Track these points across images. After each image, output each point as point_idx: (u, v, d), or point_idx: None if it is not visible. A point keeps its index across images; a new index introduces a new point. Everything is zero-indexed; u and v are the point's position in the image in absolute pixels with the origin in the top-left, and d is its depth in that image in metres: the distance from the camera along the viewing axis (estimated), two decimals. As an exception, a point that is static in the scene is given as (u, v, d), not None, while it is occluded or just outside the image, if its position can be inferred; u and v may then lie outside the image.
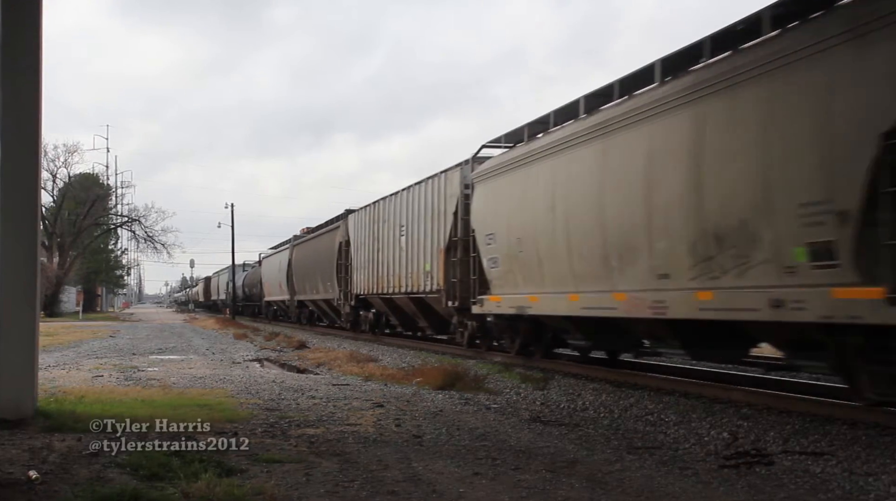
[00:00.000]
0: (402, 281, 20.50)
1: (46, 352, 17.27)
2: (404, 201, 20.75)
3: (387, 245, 21.98)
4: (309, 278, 32.56)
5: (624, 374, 12.45)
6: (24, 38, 8.03)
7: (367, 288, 23.64)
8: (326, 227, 30.92)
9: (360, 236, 24.80)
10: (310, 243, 33.17)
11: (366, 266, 23.82)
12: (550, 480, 5.75)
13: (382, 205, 22.76)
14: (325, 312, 31.91)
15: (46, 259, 49.72)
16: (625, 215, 10.82)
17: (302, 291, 34.43)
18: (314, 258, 31.38)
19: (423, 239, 19.01)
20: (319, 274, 30.30)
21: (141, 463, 5.75)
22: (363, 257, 24.18)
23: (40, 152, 8.76)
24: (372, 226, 23.44)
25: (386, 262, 21.93)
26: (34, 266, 8.09)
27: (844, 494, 5.62)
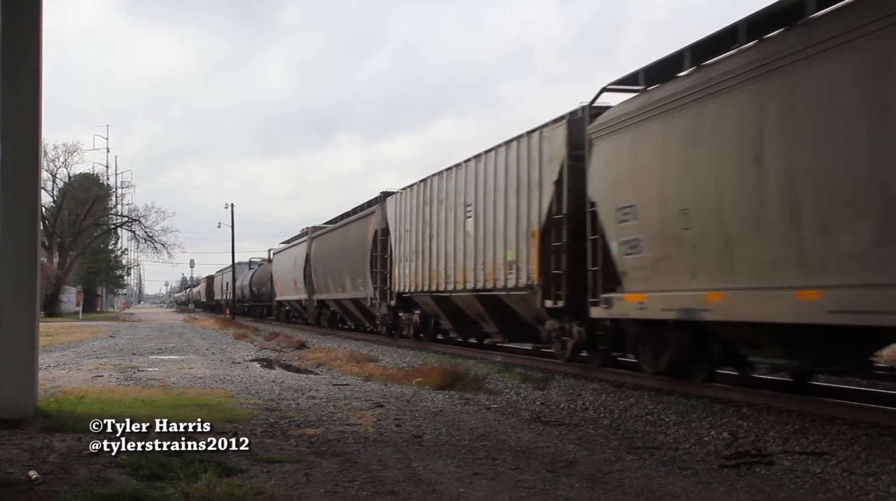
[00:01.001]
0: (466, 275, 16.41)
1: (46, 352, 17.27)
2: (473, 174, 16.33)
3: (444, 231, 17.70)
4: (332, 274, 28.44)
5: (624, 374, 12.44)
6: (24, 39, 8.03)
7: (413, 285, 19.50)
8: (356, 214, 26.54)
9: (403, 223, 20.45)
10: (333, 234, 28.94)
11: (411, 258, 19.68)
12: (550, 480, 5.75)
13: (437, 182, 18.32)
14: (350, 313, 27.90)
15: (46, 259, 49.72)
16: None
17: (323, 289, 30.36)
18: (340, 251, 27.30)
19: (504, 220, 14.81)
20: (347, 269, 26.23)
21: (141, 463, 5.75)
22: (408, 247, 19.97)
23: (40, 152, 8.77)
24: (422, 209, 19.08)
25: (442, 252, 17.79)
26: (34, 266, 8.09)
27: (844, 494, 5.62)
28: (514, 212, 14.47)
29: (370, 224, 23.69)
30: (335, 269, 27.99)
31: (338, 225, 28.95)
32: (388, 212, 22.01)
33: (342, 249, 27.00)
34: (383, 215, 22.45)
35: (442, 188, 18.02)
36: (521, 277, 14.14)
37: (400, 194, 21.09)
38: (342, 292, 27.18)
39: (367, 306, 24.40)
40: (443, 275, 17.66)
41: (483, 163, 15.93)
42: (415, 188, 19.77)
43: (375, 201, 24.27)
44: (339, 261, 27.30)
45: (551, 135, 13.37)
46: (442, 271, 17.70)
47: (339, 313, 29.77)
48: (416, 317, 20.77)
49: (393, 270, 21.27)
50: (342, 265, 26.88)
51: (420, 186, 19.44)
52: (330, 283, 28.96)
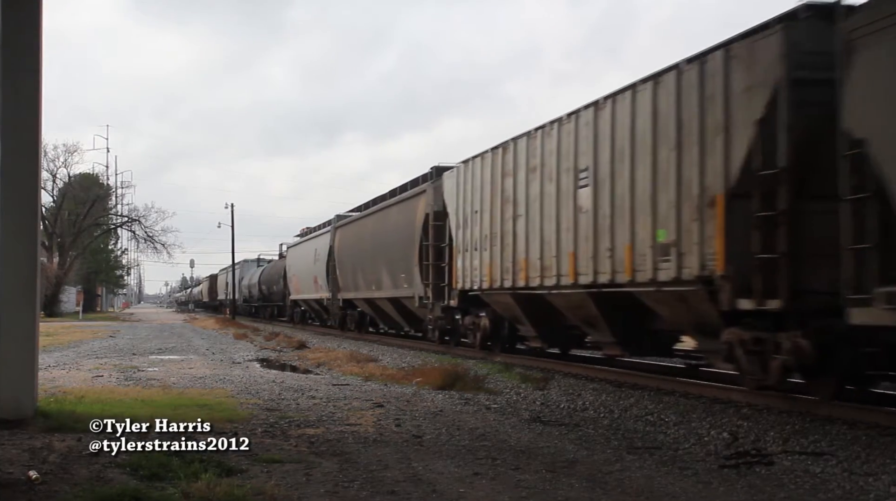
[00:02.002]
0: (578, 265, 12.08)
1: (46, 352, 17.26)
2: (589, 128, 11.95)
3: (537, 208, 13.43)
4: (364, 269, 24.25)
5: (624, 374, 12.44)
6: (24, 38, 8.03)
7: (485, 280, 15.31)
8: (397, 196, 22.47)
9: (468, 202, 16.28)
10: (366, 221, 24.85)
11: (482, 246, 15.54)
12: (550, 480, 5.75)
13: (524, 146, 14.02)
14: (385, 315, 23.81)
15: (46, 259, 49.72)
16: None
17: (350, 286, 26.06)
18: (375, 242, 23.19)
19: (650, 186, 10.49)
20: (384, 263, 22.10)
21: (141, 463, 5.75)
22: (476, 232, 15.81)
23: (40, 152, 8.77)
24: (499, 182, 14.90)
25: (534, 236, 13.51)
26: (34, 266, 8.09)
27: (844, 494, 5.62)
28: (670, 173, 10.11)
29: (418, 207, 19.50)
30: (368, 263, 23.84)
31: (371, 211, 24.61)
32: (444, 191, 17.68)
33: (378, 238, 22.95)
34: (437, 195, 18.23)
35: (534, 152, 13.62)
36: (686, 265, 9.77)
37: (462, 167, 16.72)
38: (377, 289, 23.00)
39: (411, 306, 20.36)
40: (535, 266, 13.40)
41: (609, 111, 11.45)
42: (487, 157, 15.46)
43: (424, 178, 20.25)
44: (374, 253, 23.14)
45: (750, 52, 9.15)
46: (534, 262, 13.41)
47: (371, 314, 25.58)
48: (483, 321, 16.47)
49: (454, 262, 16.95)
50: (378, 258, 22.75)
51: (495, 153, 15.12)
52: (360, 279, 24.79)
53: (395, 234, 21.42)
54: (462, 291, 16.66)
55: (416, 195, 20.15)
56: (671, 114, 10.15)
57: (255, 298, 50.50)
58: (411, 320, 21.56)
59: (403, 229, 20.65)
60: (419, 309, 19.67)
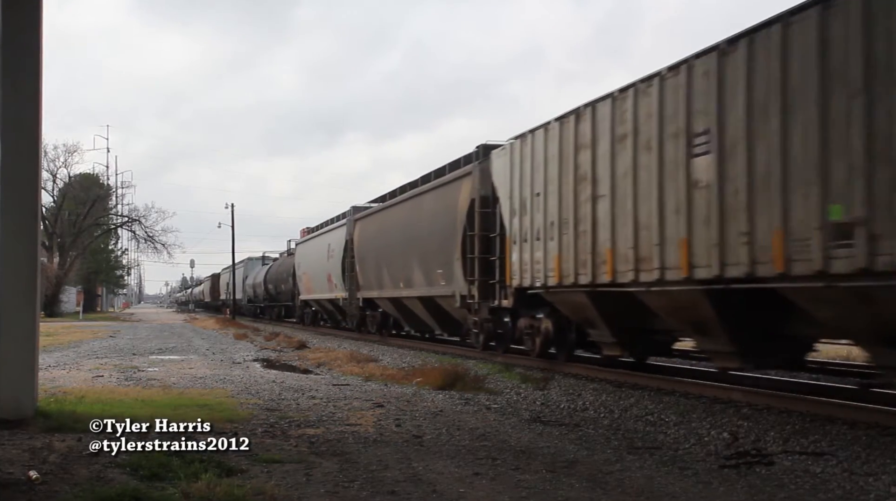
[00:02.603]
0: (694, 255, 9.58)
1: (46, 352, 17.27)
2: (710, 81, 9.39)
3: (628, 185, 10.70)
4: (390, 264, 21.65)
5: (624, 374, 12.44)
6: (24, 38, 8.04)
7: (552, 275, 12.64)
8: (432, 181, 19.59)
9: (524, 183, 13.68)
10: (393, 212, 22.11)
11: (546, 235, 12.85)
12: (551, 480, 5.75)
13: (606, 111, 11.25)
14: (413, 316, 21.09)
15: (46, 259, 49.75)
16: None
17: (373, 284, 23.40)
18: (404, 234, 20.57)
19: (817, 146, 7.92)
20: (417, 257, 19.37)
21: (141, 463, 5.75)
22: (538, 218, 13.17)
23: (40, 152, 8.77)
24: (570, 156, 12.10)
25: (617, 221, 10.97)
26: (34, 266, 8.10)
27: (844, 494, 5.62)
28: (852, 127, 7.55)
29: (461, 192, 16.79)
30: (395, 258, 21.20)
31: (400, 199, 21.73)
32: (494, 172, 15.06)
33: (409, 230, 20.24)
34: (484, 178, 15.62)
35: (622, 118, 10.94)
36: (884, 250, 7.26)
37: (517, 143, 13.96)
38: (406, 288, 20.40)
39: (447, 306, 17.87)
40: (625, 258, 10.79)
41: (742, 55, 8.89)
42: (552, 129, 12.71)
43: (467, 159, 17.36)
44: (403, 247, 20.54)
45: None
46: (624, 253, 10.82)
47: (395, 316, 22.92)
48: (545, 324, 13.79)
49: (507, 255, 14.41)
50: (408, 252, 20.06)
51: (564, 123, 12.36)
52: (385, 276, 22.15)
53: (430, 224, 18.68)
54: (518, 289, 13.96)
55: (458, 179, 17.20)
56: (855, 45, 7.51)
57: (261, 298, 47.99)
58: (446, 322, 18.92)
59: (441, 218, 17.89)
60: (458, 310, 17.08)
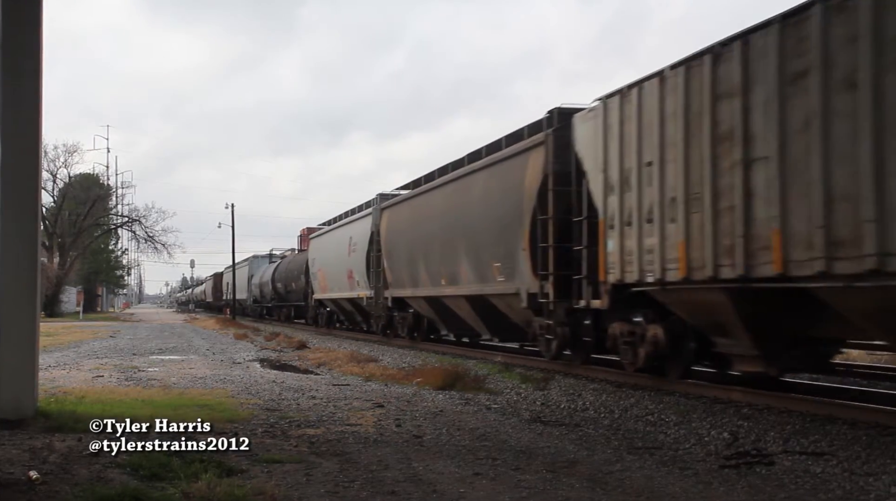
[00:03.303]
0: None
1: (47, 352, 17.27)
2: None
3: (798, 144, 8.17)
4: (429, 258, 18.63)
5: (624, 374, 12.43)
6: (24, 38, 8.04)
7: (671, 268, 10.10)
8: (487, 157, 16.13)
9: (626, 151, 10.96)
10: (432, 197, 18.90)
11: (662, 216, 10.20)
12: (551, 480, 5.75)
13: (769, 45, 8.50)
14: (457, 318, 18.08)
15: (46, 259, 49.75)
16: None
17: (406, 281, 20.38)
18: (448, 222, 17.50)
19: None
20: (465, 249, 16.47)
21: (141, 463, 5.75)
22: (650, 195, 10.48)
23: (40, 152, 8.77)
24: (702, 112, 9.48)
25: (788, 191, 8.29)
26: (34, 266, 8.10)
27: (845, 494, 5.62)
28: None
29: (527, 168, 13.91)
30: (434, 250, 18.31)
31: (441, 182, 18.55)
32: (577, 141, 12.36)
33: (455, 217, 17.16)
34: (560, 149, 12.88)
35: (797, 51, 8.15)
36: None
37: (614, 101, 11.24)
38: (450, 285, 17.40)
39: (506, 307, 15.16)
40: (804, 242, 8.05)
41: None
42: (672, 79, 9.99)
43: (535, 128, 14.12)
44: (447, 237, 17.55)
45: None
46: (799, 233, 8.12)
47: (431, 317, 19.91)
48: (653, 331, 10.92)
49: (602, 242, 11.58)
50: (453, 243, 17.16)
51: (691, 69, 9.69)
52: (421, 272, 19.16)
53: (484, 208, 15.64)
54: (617, 285, 11.26)
55: (524, 152, 14.10)
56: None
57: (268, 297, 44.44)
58: (500, 325, 16.04)
59: (500, 200, 14.94)
60: (521, 311, 14.30)
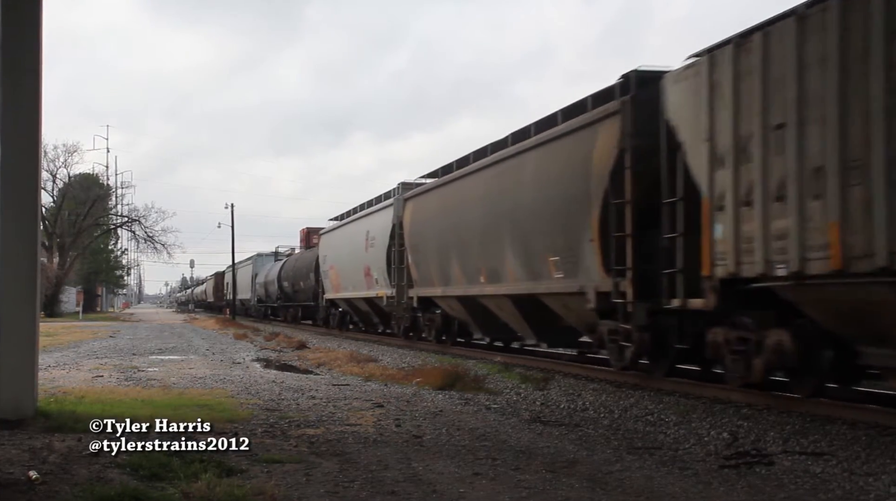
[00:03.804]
0: None
1: (46, 352, 17.26)
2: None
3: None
4: (464, 252, 16.60)
5: (624, 374, 12.43)
6: (24, 39, 8.03)
7: (813, 255, 7.98)
8: (537, 136, 13.86)
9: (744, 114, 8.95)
10: (468, 182, 16.69)
11: (800, 191, 8.12)
12: (550, 480, 5.75)
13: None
14: (496, 321, 16.12)
15: (46, 259, 49.74)
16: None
17: (435, 279, 18.38)
18: (489, 211, 15.37)
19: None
20: (511, 242, 14.47)
21: (141, 463, 5.75)
22: (785, 165, 8.34)
23: (40, 152, 8.77)
24: (879, 50, 7.27)
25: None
26: (34, 266, 8.10)
27: (844, 494, 5.62)
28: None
29: (596, 143, 11.76)
30: (471, 243, 16.22)
31: (479, 166, 16.33)
32: (670, 106, 10.23)
33: (497, 204, 15.04)
34: (642, 117, 10.80)
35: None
36: None
37: (726, 52, 9.18)
38: (490, 282, 15.46)
39: (562, 308, 13.23)
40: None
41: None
42: (812, 17, 8.11)
43: (604, 96, 11.87)
44: (487, 227, 15.48)
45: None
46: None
47: (463, 319, 17.92)
48: (776, 337, 8.90)
49: (708, 228, 9.46)
50: (495, 234, 15.13)
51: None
52: (454, 268, 17.11)
53: (537, 193, 13.55)
54: (728, 280, 9.26)
55: (591, 125, 11.96)
56: None
57: (274, 297, 42.37)
58: (550, 329, 14.29)
59: (558, 183, 12.83)
60: (583, 313, 12.37)
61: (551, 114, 13.74)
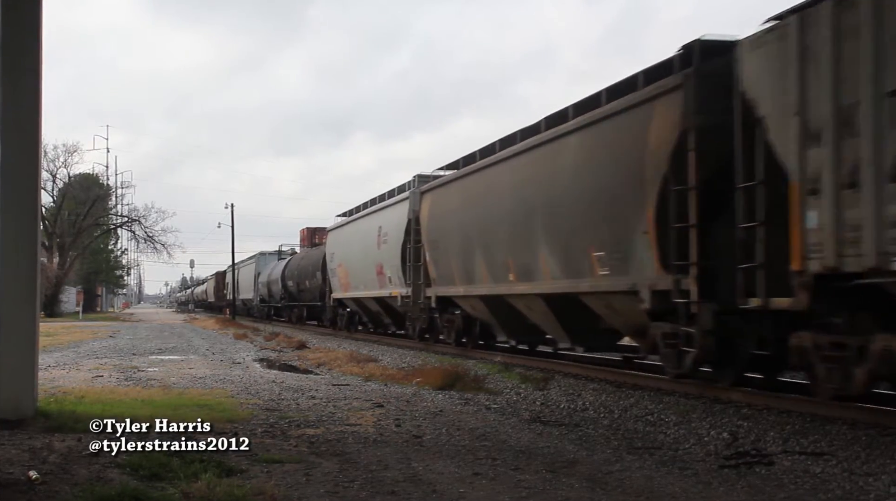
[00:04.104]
0: None
1: (46, 352, 17.27)
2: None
3: None
4: (490, 247, 15.25)
5: (624, 374, 12.43)
6: (24, 39, 8.03)
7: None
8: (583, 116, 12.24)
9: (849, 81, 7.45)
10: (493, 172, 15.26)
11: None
12: (550, 480, 5.75)
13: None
14: (522, 323, 15.07)
15: (46, 259, 49.75)
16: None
17: (457, 277, 16.96)
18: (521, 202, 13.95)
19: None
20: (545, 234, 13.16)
21: (141, 463, 5.75)
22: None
23: (40, 152, 8.77)
24: None
25: None
26: (34, 266, 8.10)
27: (844, 494, 5.62)
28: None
29: (650, 124, 10.48)
30: (499, 237, 14.80)
31: (508, 153, 14.66)
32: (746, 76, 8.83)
33: (531, 193, 13.53)
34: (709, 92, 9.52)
35: None
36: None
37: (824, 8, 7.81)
38: (522, 280, 13.99)
39: (605, 308, 11.94)
40: None
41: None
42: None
43: (660, 71, 10.61)
44: (517, 220, 14.03)
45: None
46: None
47: (486, 321, 16.61)
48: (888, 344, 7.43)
49: (798, 214, 8.06)
50: (528, 227, 13.60)
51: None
52: (478, 265, 15.65)
53: (578, 181, 12.10)
54: (824, 276, 7.84)
55: (645, 103, 10.63)
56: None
57: (278, 297, 41.06)
58: (588, 332, 13.09)
59: (604, 169, 11.49)
60: (634, 315, 11.09)
61: (593, 94, 12.29)
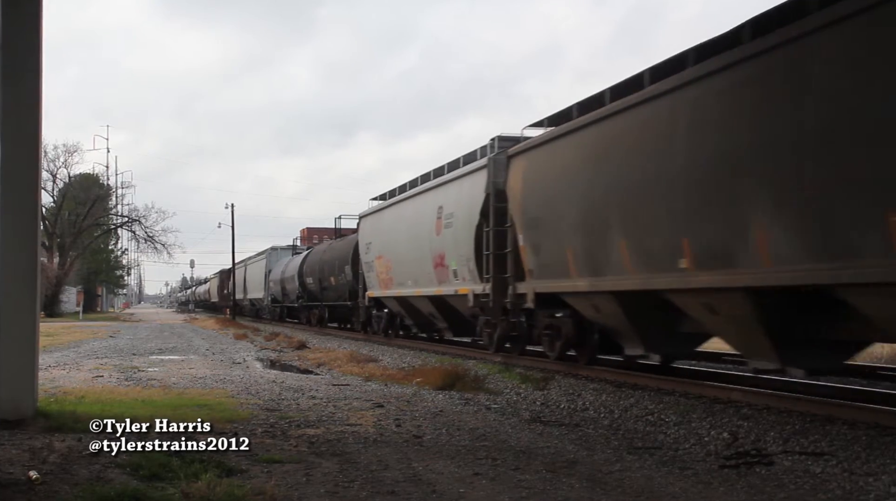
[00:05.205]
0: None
1: (46, 352, 17.27)
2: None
3: None
4: (638, 218, 10.30)
5: (624, 374, 12.43)
6: (24, 39, 8.03)
7: None
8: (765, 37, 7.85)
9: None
10: (642, 113, 10.12)
11: None
12: (550, 480, 5.75)
13: None
14: (672, 331, 10.97)
15: (46, 259, 49.78)
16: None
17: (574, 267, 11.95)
18: (696, 148, 9.02)
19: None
20: (755, 189, 8.16)
21: (141, 463, 5.75)
22: None
23: (40, 152, 8.77)
24: None
25: None
26: (34, 266, 8.09)
27: (844, 494, 5.62)
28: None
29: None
30: (655, 205, 9.88)
31: (661, 88, 9.76)
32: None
33: (709, 143, 8.89)
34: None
35: None
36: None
37: None
38: (701, 268, 9.17)
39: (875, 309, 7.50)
40: None
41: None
42: None
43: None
44: (699, 174, 9.03)
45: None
46: None
47: (612, 326, 11.99)
48: None
49: None
50: (725, 184, 8.65)
51: None
52: (614, 248, 10.88)
53: (833, 104, 7.30)
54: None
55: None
56: None
57: (293, 296, 35.85)
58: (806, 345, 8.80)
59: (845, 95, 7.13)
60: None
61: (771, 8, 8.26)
